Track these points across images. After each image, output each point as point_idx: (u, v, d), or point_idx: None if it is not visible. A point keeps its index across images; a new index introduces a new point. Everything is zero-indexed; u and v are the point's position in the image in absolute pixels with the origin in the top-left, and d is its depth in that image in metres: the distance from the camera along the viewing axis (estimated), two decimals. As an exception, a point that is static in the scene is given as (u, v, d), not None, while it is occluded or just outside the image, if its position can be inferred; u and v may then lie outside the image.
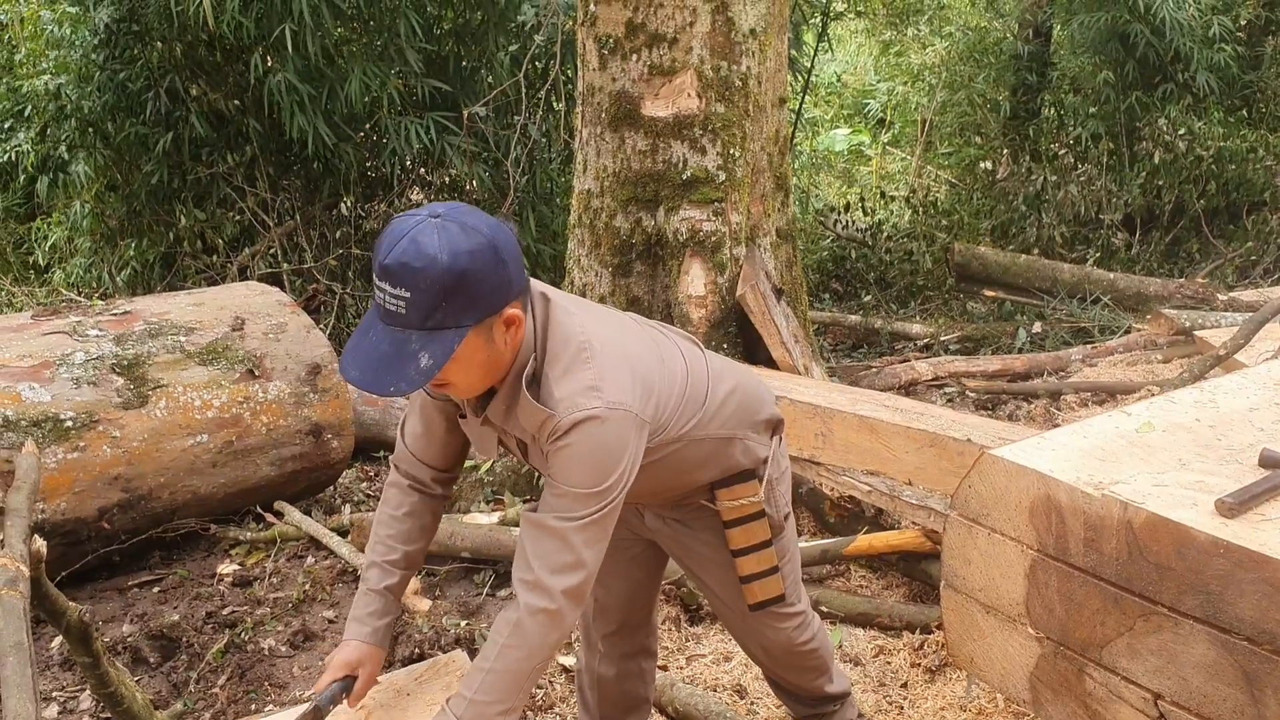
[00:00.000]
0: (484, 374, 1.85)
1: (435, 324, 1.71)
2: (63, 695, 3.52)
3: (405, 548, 2.15)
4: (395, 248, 1.68)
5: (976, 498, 2.45)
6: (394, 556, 2.14)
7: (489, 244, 1.71)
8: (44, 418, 3.97)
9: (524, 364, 1.86)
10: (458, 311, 1.71)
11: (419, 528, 2.17)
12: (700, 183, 4.28)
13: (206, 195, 7.54)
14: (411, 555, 2.17)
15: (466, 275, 1.69)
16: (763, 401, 2.33)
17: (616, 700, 2.60)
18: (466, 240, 1.69)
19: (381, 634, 2.12)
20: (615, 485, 1.86)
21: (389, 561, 2.14)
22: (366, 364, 1.74)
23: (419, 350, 1.71)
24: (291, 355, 4.70)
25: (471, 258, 1.69)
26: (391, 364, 1.72)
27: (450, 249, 1.67)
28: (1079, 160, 9.26)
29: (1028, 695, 2.45)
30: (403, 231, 1.70)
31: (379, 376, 1.73)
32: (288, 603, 3.97)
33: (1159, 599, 2.13)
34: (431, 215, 1.72)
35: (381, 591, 2.13)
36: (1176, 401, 2.75)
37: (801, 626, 2.54)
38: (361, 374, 1.74)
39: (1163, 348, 6.52)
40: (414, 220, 1.72)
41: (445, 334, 1.72)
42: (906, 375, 6.01)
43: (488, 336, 1.78)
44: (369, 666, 2.08)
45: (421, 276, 1.67)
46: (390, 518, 2.18)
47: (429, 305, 1.69)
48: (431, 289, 1.68)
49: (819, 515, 4.04)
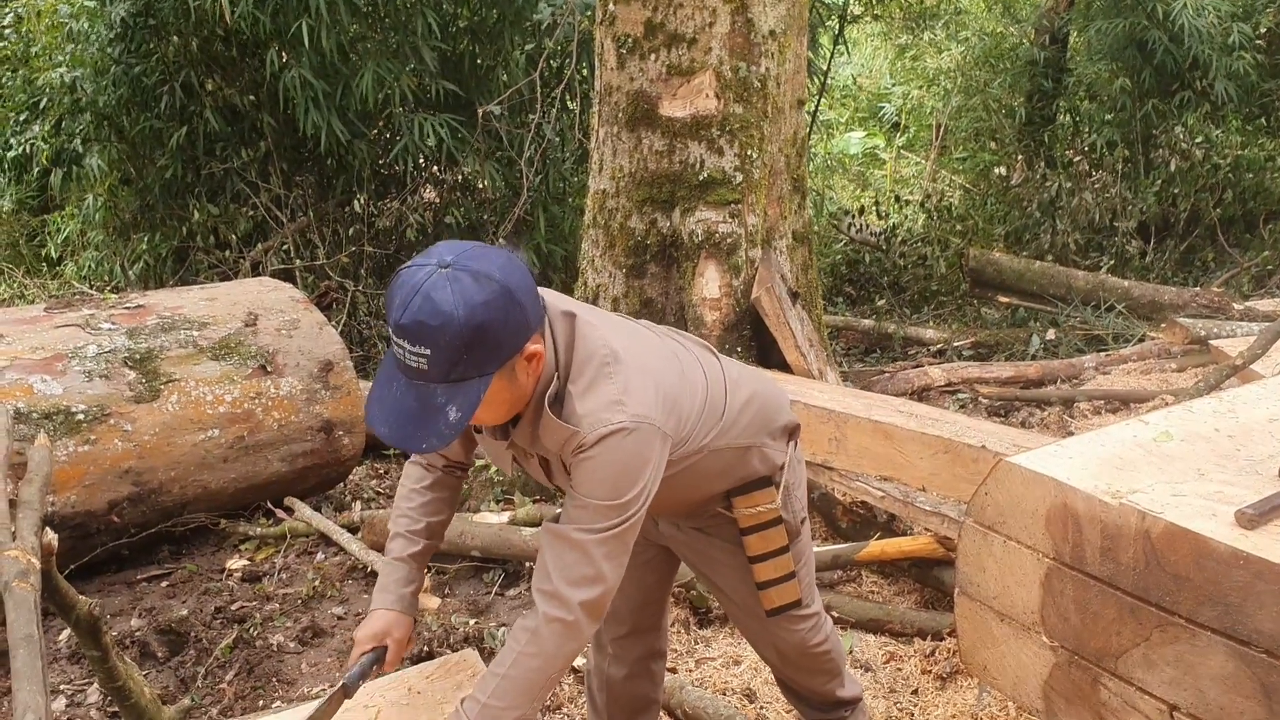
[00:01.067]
0: (509, 408, 1.85)
1: (459, 376, 1.69)
2: (70, 688, 3.52)
3: (428, 519, 2.16)
4: (409, 306, 1.66)
5: (992, 505, 2.42)
6: (417, 527, 2.15)
7: (503, 290, 1.69)
8: (55, 410, 3.97)
9: (547, 385, 1.85)
10: (480, 362, 1.70)
11: (439, 500, 2.18)
12: (717, 184, 4.26)
13: (220, 190, 7.55)
14: (434, 526, 2.17)
15: (485, 327, 1.67)
16: (779, 408, 2.32)
17: (626, 702, 2.59)
18: (481, 291, 1.66)
19: (408, 601, 2.11)
20: (637, 499, 1.85)
21: (413, 531, 2.15)
22: (395, 421, 1.74)
23: (446, 404, 1.70)
24: (304, 352, 4.70)
25: (487, 309, 1.67)
26: (420, 419, 1.71)
27: (466, 303, 1.65)
28: (1094, 167, 9.23)
29: (1041, 704, 2.43)
30: (414, 286, 1.67)
31: (411, 432, 1.72)
32: (297, 599, 3.97)
33: (1176, 610, 2.10)
34: (440, 265, 1.69)
35: (406, 559, 2.13)
36: (1195, 411, 2.72)
37: (816, 628, 2.53)
38: (390, 431, 1.74)
39: (1177, 356, 6.48)
40: (424, 273, 1.68)
41: (470, 384, 1.71)
42: (919, 380, 5.99)
43: (510, 376, 1.77)
44: (397, 633, 2.07)
45: (440, 334, 1.65)
46: (411, 492, 2.18)
47: (451, 361, 1.67)
48: (451, 345, 1.66)
49: (831, 520, 4.02)
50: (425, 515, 2.16)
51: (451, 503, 2.22)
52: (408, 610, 2.11)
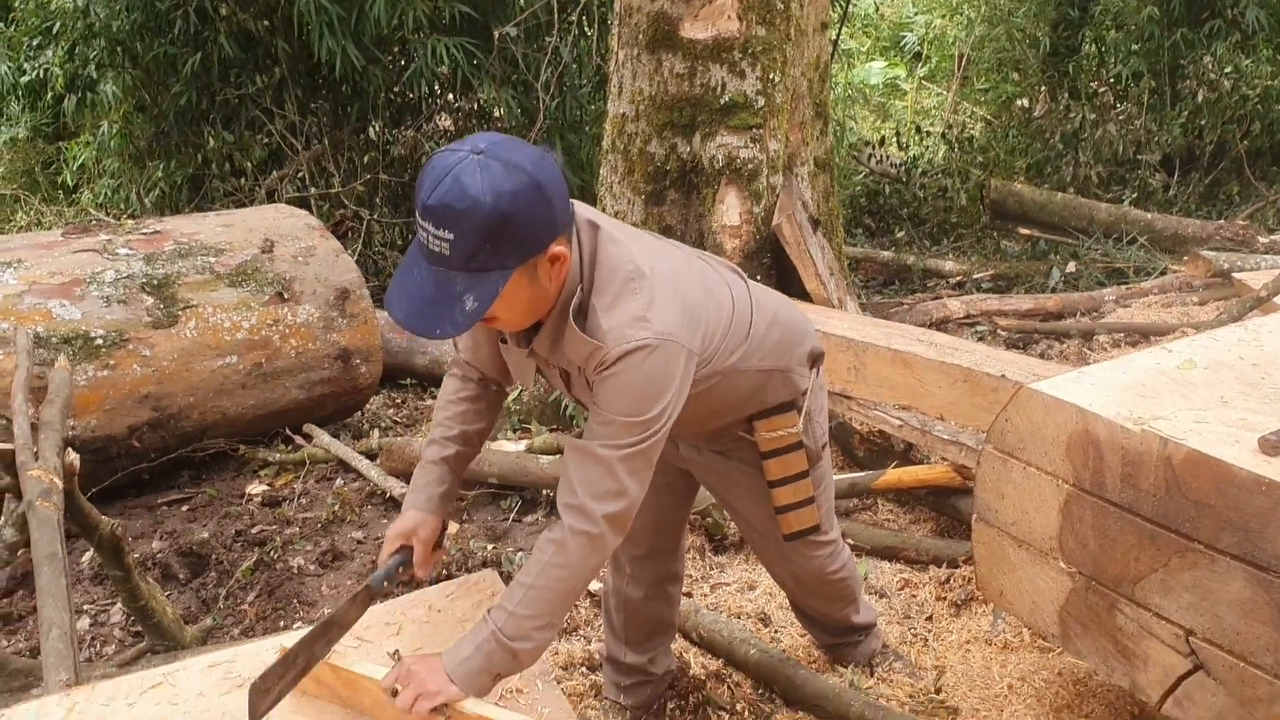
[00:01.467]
0: (529, 310, 1.83)
1: (479, 266, 1.68)
2: (94, 608, 3.58)
3: (462, 426, 2.15)
4: (438, 187, 1.64)
5: (1013, 431, 2.41)
6: (451, 433, 2.15)
7: (532, 183, 1.67)
8: (74, 335, 3.99)
9: (570, 295, 1.83)
10: (502, 253, 1.68)
11: (475, 411, 2.17)
12: (739, 108, 4.19)
13: (235, 117, 7.49)
14: (469, 434, 2.17)
15: (510, 217, 1.65)
16: (805, 334, 2.30)
17: (642, 623, 2.62)
18: (510, 180, 1.65)
19: (437, 502, 2.11)
20: (661, 415, 1.85)
21: (446, 437, 2.15)
22: (412, 305, 1.73)
23: (464, 293, 1.69)
24: (320, 279, 4.70)
25: (515, 198, 1.65)
26: (437, 305, 1.70)
27: (494, 190, 1.63)
28: (1119, 99, 9.07)
29: (1057, 629, 2.44)
30: (445, 169, 1.66)
31: (426, 318, 1.71)
32: (316, 523, 4.00)
33: (1196, 536, 2.10)
34: (474, 151, 1.67)
35: (438, 462, 2.14)
36: (1219, 339, 2.70)
37: (833, 555, 2.54)
38: (407, 315, 1.73)
39: (1199, 290, 6.42)
40: (456, 157, 1.67)
41: (490, 275, 1.69)
42: (938, 312, 5.96)
43: (532, 275, 1.75)
44: (425, 532, 2.08)
45: (465, 219, 1.63)
46: (447, 402, 2.19)
47: (473, 248, 1.66)
48: (475, 232, 1.64)
49: (848, 449, 4.02)
50: (459, 423, 2.16)
51: (488, 414, 2.20)
52: (437, 510, 2.11)
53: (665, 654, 2.72)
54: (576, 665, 2.97)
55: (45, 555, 2.50)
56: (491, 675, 1.86)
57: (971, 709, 2.68)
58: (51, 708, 1.94)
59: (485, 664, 1.84)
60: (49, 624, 2.39)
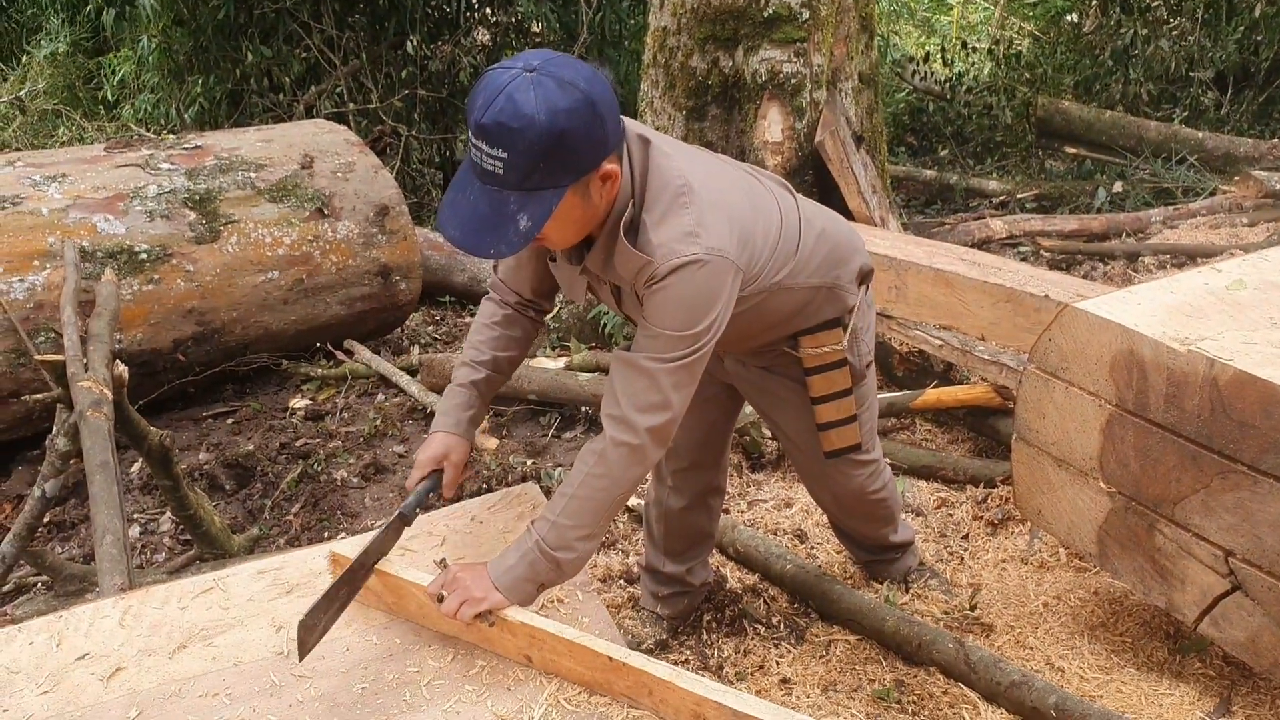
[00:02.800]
0: (580, 228, 1.83)
1: (533, 185, 1.67)
2: (144, 518, 3.66)
3: (494, 352, 2.17)
4: (491, 106, 1.62)
5: (1056, 351, 2.40)
6: (483, 357, 2.16)
7: (586, 100, 1.65)
8: (119, 249, 4.03)
9: (622, 211, 1.83)
10: (556, 171, 1.67)
11: (508, 337, 2.18)
12: (782, 21, 4.11)
13: (272, 31, 7.45)
14: (500, 361, 2.18)
15: (564, 135, 1.63)
16: (854, 250, 2.28)
17: (682, 533, 2.65)
18: (564, 97, 1.63)
19: (465, 425, 2.13)
20: (708, 330, 1.85)
21: (477, 361, 2.16)
22: (466, 224, 1.72)
23: (517, 211, 1.68)
24: (360, 195, 4.70)
25: (569, 116, 1.63)
26: (491, 225, 1.70)
27: (548, 108, 1.61)
28: (1172, 13, 8.80)
29: (1094, 549, 2.44)
30: (498, 87, 1.63)
31: (480, 238, 1.71)
32: (359, 437, 4.06)
33: (1239, 457, 2.09)
34: (526, 69, 1.65)
35: (467, 386, 2.15)
36: (1270, 260, 2.65)
37: (874, 475, 2.55)
38: (462, 234, 1.72)
39: (1249, 211, 6.30)
40: (509, 75, 1.65)
41: (543, 194, 1.68)
42: (980, 232, 5.89)
43: (584, 193, 1.75)
44: (454, 456, 2.10)
45: (519, 137, 1.62)
46: (481, 325, 2.19)
47: (527, 166, 1.65)
48: (529, 150, 1.63)
49: (886, 369, 4.01)
50: (491, 349, 2.17)
51: (523, 342, 2.21)
52: (465, 434, 2.13)
53: (703, 566, 2.76)
54: (615, 578, 3.02)
55: (97, 464, 2.57)
56: (535, 584, 1.89)
57: (1006, 626, 2.70)
58: (108, 609, 2.01)
59: (529, 573, 1.87)
60: (103, 530, 2.46)
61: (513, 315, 2.18)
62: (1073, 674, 2.50)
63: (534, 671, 1.85)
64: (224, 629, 1.96)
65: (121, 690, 1.81)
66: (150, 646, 1.91)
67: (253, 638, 1.94)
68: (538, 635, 1.83)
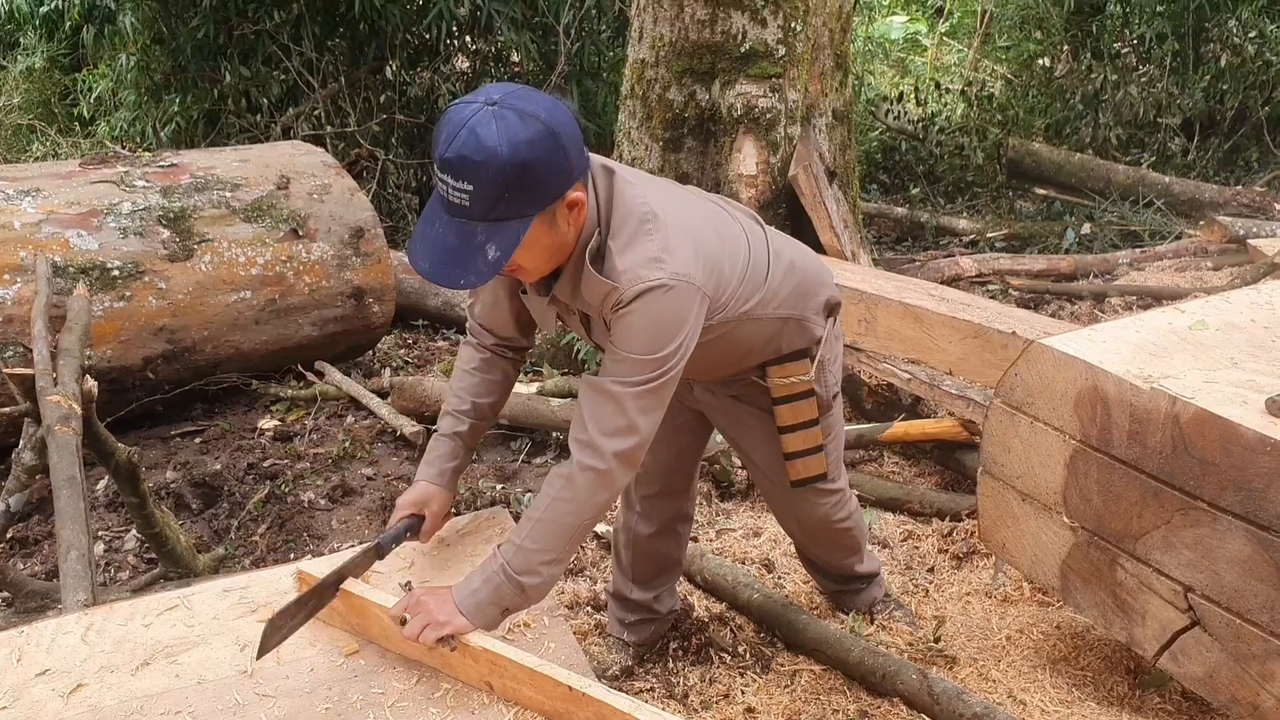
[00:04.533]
0: (550, 257, 1.85)
1: (499, 215, 1.70)
2: (108, 535, 3.63)
3: (475, 399, 2.18)
4: (455, 140, 1.66)
5: (1022, 385, 2.43)
6: (464, 406, 2.17)
7: (548, 131, 1.69)
8: (91, 265, 4.01)
9: (588, 240, 1.85)
10: (521, 202, 1.70)
11: (488, 382, 2.19)
12: (759, 56, 4.17)
13: (252, 52, 7.45)
14: (481, 407, 2.19)
15: (527, 166, 1.67)
16: (822, 283, 2.32)
17: (650, 560, 2.66)
18: (525, 129, 1.66)
19: (449, 477, 2.15)
20: (673, 354, 1.87)
21: (459, 411, 2.17)
22: (435, 257, 1.75)
23: (485, 242, 1.71)
24: (335, 217, 4.70)
25: (531, 147, 1.66)
26: (459, 257, 1.72)
27: (510, 140, 1.65)
28: (1141, 60, 8.97)
29: (1057, 583, 2.47)
30: (460, 122, 1.67)
31: (449, 269, 1.73)
32: (327, 458, 4.05)
33: (1200, 494, 2.12)
34: (488, 102, 1.69)
35: (451, 437, 2.16)
36: (1232, 302, 2.71)
37: (840, 504, 2.57)
38: (432, 266, 1.75)
39: (1213, 255, 6.40)
40: (471, 109, 1.68)
41: (510, 224, 1.71)
42: (950, 270, 5.96)
43: (551, 221, 1.77)
44: (436, 505, 2.11)
45: (483, 170, 1.65)
46: (461, 372, 2.21)
47: (492, 198, 1.68)
48: (493, 182, 1.66)
49: (855, 401, 4.04)
50: (472, 395, 2.18)
51: (502, 386, 2.22)
52: (447, 485, 2.15)
53: (670, 594, 2.76)
54: (582, 604, 3.02)
55: (64, 478, 2.55)
56: (500, 609, 1.89)
57: (969, 658, 2.72)
58: (70, 625, 1.99)
59: (494, 597, 1.88)
60: (67, 546, 2.44)
61: (491, 359, 2.20)
62: (1034, 707, 2.51)
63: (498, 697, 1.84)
64: (188, 647, 1.95)
65: (82, 707, 1.79)
66: (113, 663, 1.90)
67: (217, 656, 1.93)
68: (499, 662, 1.82)
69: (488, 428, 2.24)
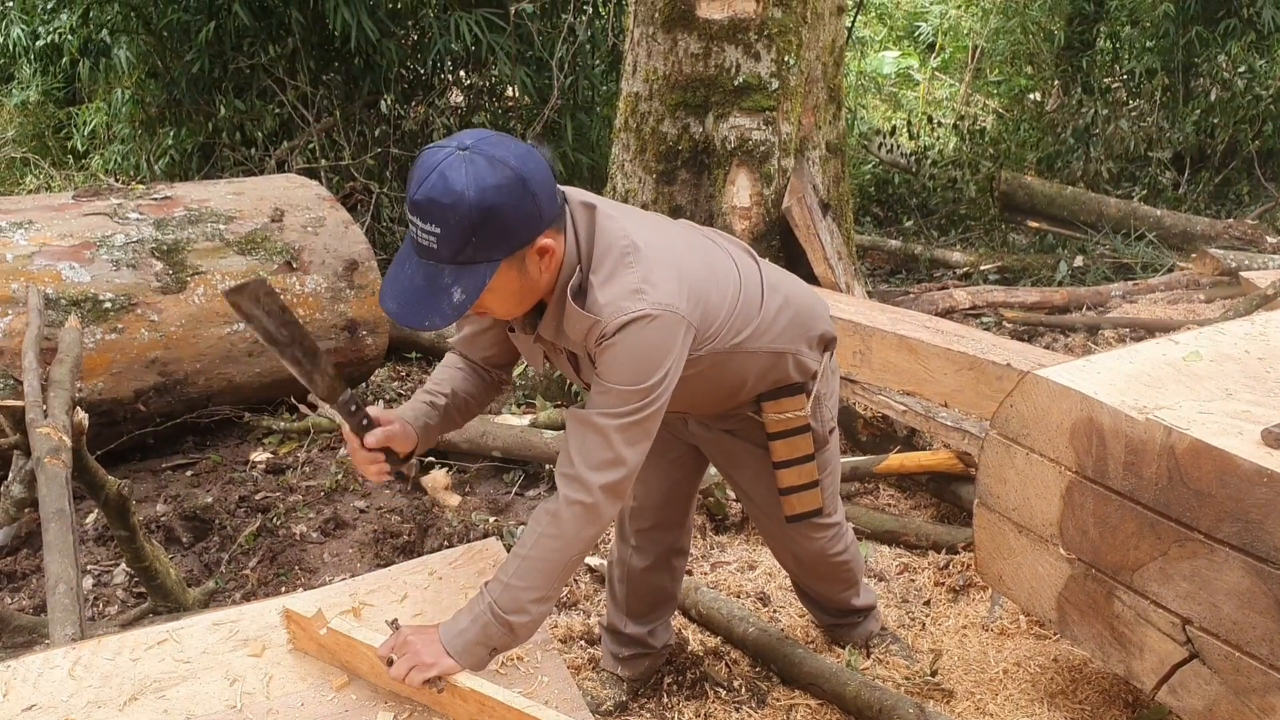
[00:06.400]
0: (520, 300, 1.86)
1: (466, 259, 1.71)
2: (97, 569, 3.60)
3: (453, 386, 2.16)
4: (425, 183, 1.68)
5: (1017, 417, 2.43)
6: (444, 389, 2.15)
7: (516, 177, 1.70)
8: (84, 298, 4.00)
9: (569, 276, 1.86)
10: (488, 246, 1.71)
11: (470, 380, 2.18)
12: (752, 90, 4.19)
13: (247, 86, 7.47)
14: (458, 396, 2.16)
15: (493, 210, 1.68)
16: (817, 317, 2.31)
17: (645, 594, 2.64)
18: (493, 174, 1.68)
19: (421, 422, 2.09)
20: (658, 384, 1.86)
21: (438, 390, 2.15)
22: (402, 297, 1.76)
23: (452, 285, 1.72)
24: (329, 250, 4.70)
25: (498, 192, 1.68)
26: (425, 298, 1.74)
27: (477, 184, 1.67)
28: (1132, 95, 9.05)
29: (1054, 615, 2.45)
30: (431, 165, 1.69)
31: (415, 310, 1.74)
32: (319, 491, 4.02)
33: (1196, 525, 2.11)
34: (460, 147, 1.71)
35: (428, 404, 2.13)
36: (1226, 333, 2.71)
37: (836, 538, 2.56)
38: (399, 306, 1.77)
39: (1205, 287, 6.43)
40: (443, 153, 1.70)
41: (477, 268, 1.72)
42: (944, 302, 5.96)
43: (520, 267, 1.78)
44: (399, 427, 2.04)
45: (449, 213, 1.67)
46: (443, 368, 2.21)
47: (459, 241, 1.69)
48: (459, 225, 1.68)
49: (850, 433, 4.03)
50: (451, 383, 2.16)
51: (482, 394, 2.21)
52: (418, 430, 2.08)
53: (665, 628, 2.74)
54: (575, 639, 2.99)
55: (53, 511, 2.52)
56: (488, 648, 1.87)
57: (966, 692, 2.70)
58: (58, 659, 1.96)
59: (481, 636, 1.85)
60: (55, 579, 2.41)
61: (476, 368, 2.20)
62: (1032, 742, 2.49)
63: (490, 731, 1.82)
64: (177, 681, 1.92)
65: (68, 743, 1.77)
66: (100, 698, 1.87)
67: (206, 690, 1.90)
68: (487, 703, 1.80)
69: (460, 422, 2.20)
